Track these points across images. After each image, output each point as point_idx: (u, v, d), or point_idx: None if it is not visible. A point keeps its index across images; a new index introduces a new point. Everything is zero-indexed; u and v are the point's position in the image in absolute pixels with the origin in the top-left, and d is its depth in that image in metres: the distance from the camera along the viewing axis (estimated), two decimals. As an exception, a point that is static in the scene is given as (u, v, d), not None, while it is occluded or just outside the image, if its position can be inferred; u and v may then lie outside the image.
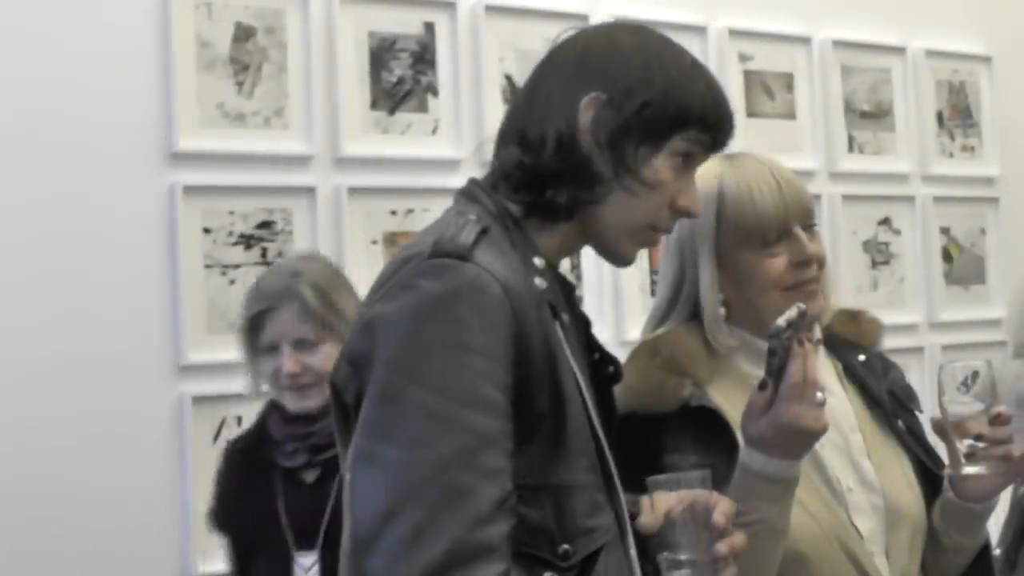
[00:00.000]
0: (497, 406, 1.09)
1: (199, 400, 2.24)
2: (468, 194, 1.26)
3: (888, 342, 1.72)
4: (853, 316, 1.64)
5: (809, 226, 1.52)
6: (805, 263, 1.48)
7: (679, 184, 1.24)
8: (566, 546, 1.14)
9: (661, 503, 1.27)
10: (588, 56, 1.25)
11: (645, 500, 1.27)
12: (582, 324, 1.30)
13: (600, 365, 1.31)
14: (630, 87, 1.21)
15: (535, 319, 1.14)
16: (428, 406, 1.07)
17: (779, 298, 1.48)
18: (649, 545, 1.25)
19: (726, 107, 1.26)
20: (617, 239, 1.25)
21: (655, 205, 1.23)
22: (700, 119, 1.23)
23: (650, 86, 1.21)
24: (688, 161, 1.25)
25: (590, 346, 1.31)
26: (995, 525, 1.70)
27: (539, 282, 1.19)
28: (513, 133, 1.25)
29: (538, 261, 1.21)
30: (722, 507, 1.26)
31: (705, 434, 1.44)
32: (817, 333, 1.56)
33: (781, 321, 1.30)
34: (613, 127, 1.21)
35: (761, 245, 1.49)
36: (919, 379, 3.00)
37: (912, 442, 1.56)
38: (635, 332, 2.38)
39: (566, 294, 1.28)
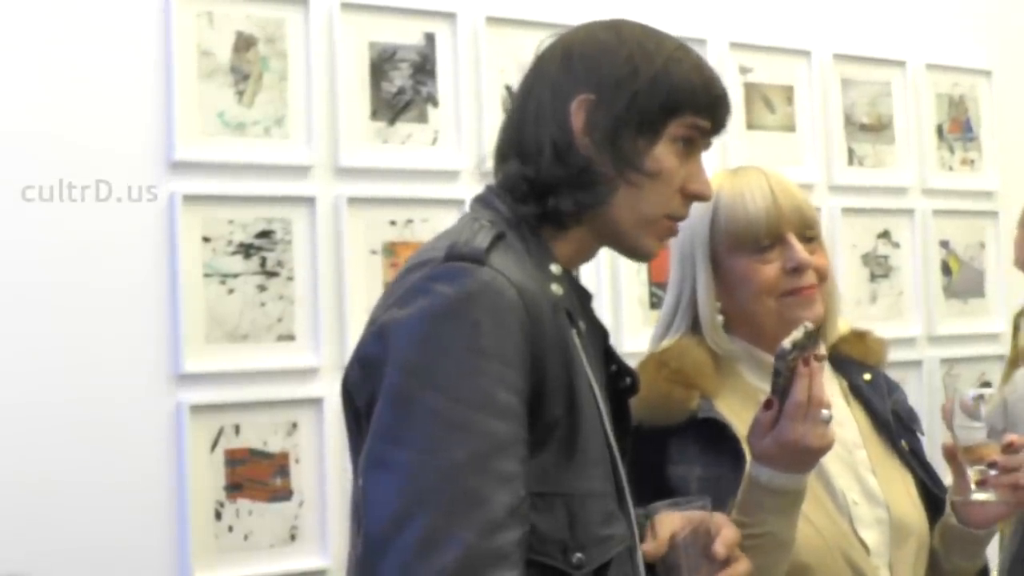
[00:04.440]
0: (511, 411, 1.08)
1: (197, 409, 2.23)
2: (484, 200, 1.26)
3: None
4: (859, 335, 1.64)
5: (809, 238, 1.52)
6: (798, 270, 1.48)
7: (686, 169, 1.24)
8: (580, 555, 1.13)
9: (665, 528, 1.27)
10: (571, 58, 1.24)
11: (649, 525, 1.27)
12: (600, 334, 1.30)
13: (617, 377, 1.30)
14: (617, 83, 1.21)
15: (551, 325, 1.13)
16: (442, 410, 1.06)
17: (773, 305, 1.49)
18: (653, 571, 1.25)
19: (717, 86, 1.25)
20: (633, 234, 1.24)
21: (664, 194, 1.23)
22: (692, 102, 1.22)
23: (636, 78, 1.21)
24: (690, 146, 1.24)
25: (608, 357, 1.30)
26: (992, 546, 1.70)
27: (555, 288, 1.18)
28: (511, 146, 1.25)
29: (554, 268, 1.20)
30: (724, 537, 1.25)
31: (712, 446, 1.44)
32: (822, 349, 1.56)
33: (787, 343, 1.29)
34: (607, 125, 1.20)
35: (753, 251, 1.49)
36: (917, 392, 3.01)
37: (915, 463, 1.57)
38: (634, 344, 2.38)
39: (583, 303, 1.27)
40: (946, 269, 3.21)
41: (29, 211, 2.14)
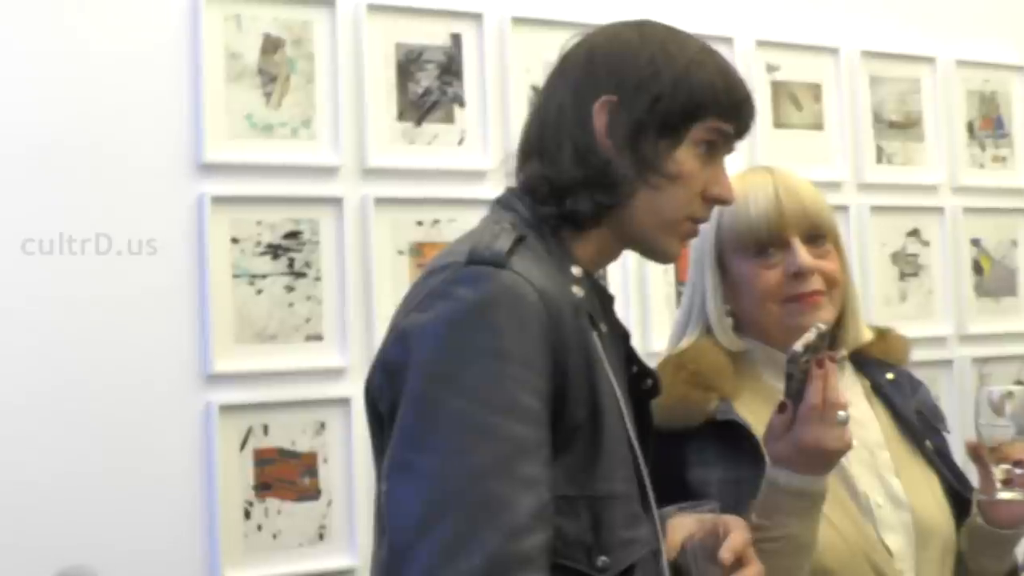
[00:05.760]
0: (535, 415, 1.08)
1: (226, 409, 2.25)
2: (504, 203, 1.26)
3: (917, 355, 1.70)
4: (881, 334, 1.62)
5: (818, 240, 1.49)
6: (800, 275, 1.46)
7: (708, 173, 1.23)
8: (604, 558, 1.12)
9: (676, 532, 1.26)
10: (594, 59, 1.24)
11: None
12: (621, 336, 1.29)
13: (639, 379, 1.30)
14: (639, 84, 1.20)
15: (572, 327, 1.13)
16: (465, 415, 1.06)
17: (777, 310, 1.47)
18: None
19: (741, 90, 1.25)
20: (654, 236, 1.24)
21: (684, 197, 1.22)
22: (714, 105, 1.22)
23: (658, 80, 1.20)
24: (712, 149, 1.23)
25: (629, 359, 1.29)
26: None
27: (576, 291, 1.18)
28: (532, 147, 1.25)
29: (575, 270, 1.20)
30: (731, 541, 1.24)
31: (731, 448, 1.43)
32: (842, 351, 1.54)
33: (798, 346, 1.28)
34: (628, 127, 1.20)
35: (756, 255, 1.48)
36: (948, 392, 2.98)
37: (940, 463, 1.54)
38: (661, 343, 2.38)
39: (605, 305, 1.27)
40: (977, 267, 3.18)
41: (54, 213, 2.17)
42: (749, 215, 1.47)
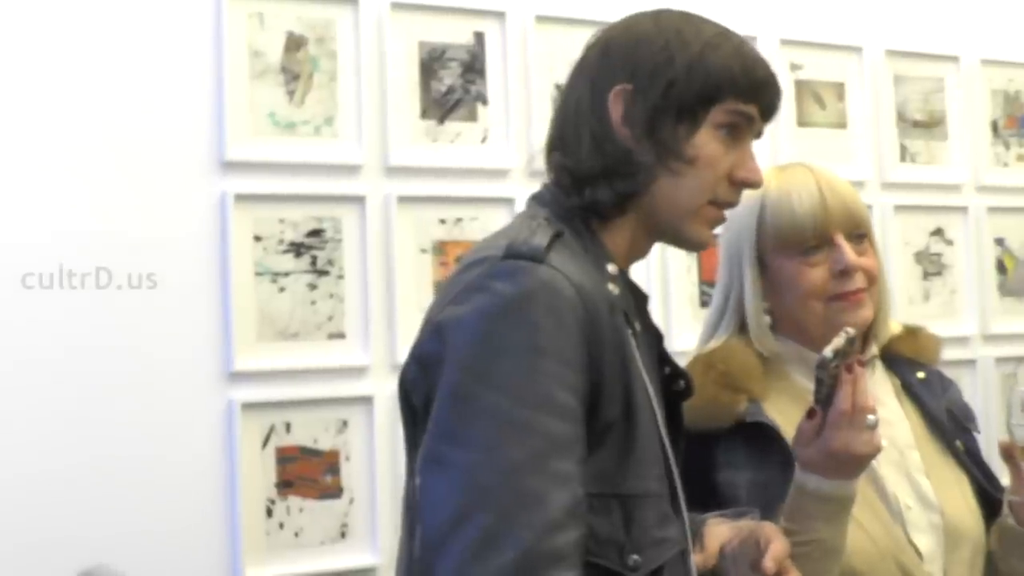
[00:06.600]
0: (570, 411, 1.08)
1: (248, 407, 2.25)
2: (540, 198, 1.26)
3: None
4: (912, 333, 1.61)
5: (858, 237, 1.49)
6: (846, 273, 1.45)
7: (733, 156, 1.22)
8: (636, 556, 1.12)
9: (713, 539, 1.25)
10: (610, 50, 1.24)
11: (698, 535, 1.25)
12: (655, 336, 1.29)
13: (671, 379, 1.29)
14: (653, 71, 1.20)
15: (608, 324, 1.13)
16: (500, 410, 1.06)
17: (820, 308, 1.46)
18: None
19: (760, 70, 1.23)
20: (680, 222, 1.23)
21: (707, 182, 1.21)
22: (731, 87, 1.20)
23: (672, 65, 1.20)
24: (735, 132, 1.22)
25: (662, 359, 1.29)
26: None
27: (612, 288, 1.17)
28: (555, 141, 1.26)
29: (611, 267, 1.20)
30: (773, 550, 1.23)
31: (760, 450, 1.42)
32: (873, 350, 1.53)
33: (828, 351, 1.27)
34: (644, 114, 1.20)
35: (800, 253, 1.47)
36: (972, 392, 2.96)
37: (970, 463, 1.53)
38: (684, 343, 2.37)
39: (639, 304, 1.26)
40: (1001, 267, 3.16)
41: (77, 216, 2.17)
42: (793, 213, 1.46)
